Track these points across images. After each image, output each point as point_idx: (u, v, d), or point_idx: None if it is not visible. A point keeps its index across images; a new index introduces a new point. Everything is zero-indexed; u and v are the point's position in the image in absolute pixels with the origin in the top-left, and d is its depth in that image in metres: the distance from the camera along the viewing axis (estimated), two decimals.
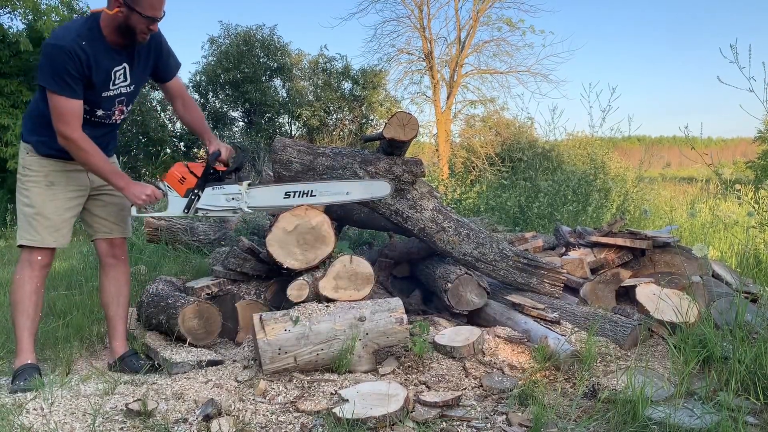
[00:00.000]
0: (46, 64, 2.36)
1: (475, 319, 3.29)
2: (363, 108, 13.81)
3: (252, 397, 2.29)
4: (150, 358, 2.87)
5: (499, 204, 6.96)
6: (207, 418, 2.07)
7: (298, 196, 2.88)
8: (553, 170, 8.73)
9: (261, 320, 2.52)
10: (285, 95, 13.84)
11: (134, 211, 2.67)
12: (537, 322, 2.94)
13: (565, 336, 2.74)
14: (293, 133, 14.00)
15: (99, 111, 2.57)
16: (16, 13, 9.35)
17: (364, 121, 13.92)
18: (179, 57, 2.82)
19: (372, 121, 14.02)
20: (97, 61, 2.44)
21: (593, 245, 3.83)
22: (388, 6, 18.38)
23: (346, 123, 13.87)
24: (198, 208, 2.72)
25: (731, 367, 2.23)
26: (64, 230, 2.63)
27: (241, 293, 3.31)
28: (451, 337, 2.79)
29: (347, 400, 2.15)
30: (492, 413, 2.21)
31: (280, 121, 14.04)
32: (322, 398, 2.27)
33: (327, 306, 2.67)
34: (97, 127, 2.60)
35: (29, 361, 2.56)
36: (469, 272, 3.30)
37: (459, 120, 15.19)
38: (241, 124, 13.84)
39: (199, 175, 2.72)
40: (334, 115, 13.98)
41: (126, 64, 2.56)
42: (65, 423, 2.05)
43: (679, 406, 2.08)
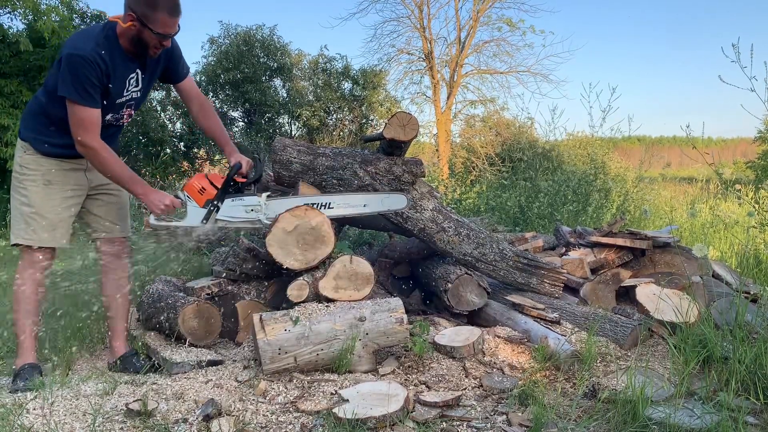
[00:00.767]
0: (68, 74, 2.35)
1: (475, 319, 3.30)
2: (363, 108, 13.80)
3: (252, 397, 2.29)
4: (150, 358, 2.87)
5: (499, 204, 6.96)
6: (207, 418, 2.07)
7: (316, 208, 2.88)
8: (553, 170, 8.74)
9: (261, 320, 2.52)
10: (285, 95, 13.83)
11: (152, 219, 2.66)
12: (537, 322, 2.94)
13: (565, 336, 2.74)
14: (293, 133, 13.99)
15: (109, 115, 2.59)
16: (16, 13, 9.34)
17: (364, 121, 13.91)
18: None
19: (372, 121, 14.01)
20: (115, 69, 2.46)
21: (593, 245, 3.83)
22: (388, 6, 18.48)
23: (346, 123, 13.86)
24: (217, 219, 2.73)
25: (731, 367, 2.23)
26: (62, 230, 2.63)
27: (241, 293, 3.31)
28: (451, 337, 2.79)
29: (347, 400, 2.15)
30: (492, 413, 2.21)
31: (280, 121, 14.03)
32: (322, 398, 2.27)
33: (327, 306, 2.67)
34: (105, 129, 2.60)
35: (30, 361, 2.56)
36: (469, 272, 3.30)
37: (459, 120, 15.23)
38: (241, 124, 13.83)
39: (219, 186, 2.72)
40: (334, 115, 13.97)
41: (138, 70, 2.59)
42: (65, 423, 2.05)
43: (679, 406, 2.08)
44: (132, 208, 5.73)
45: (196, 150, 12.66)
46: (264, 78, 13.28)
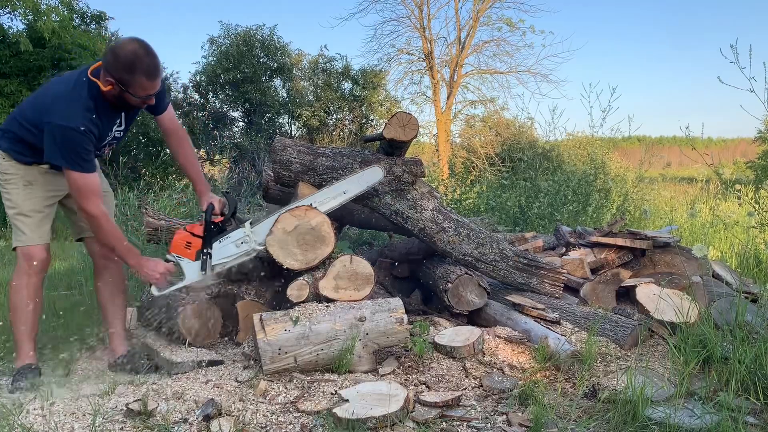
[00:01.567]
0: (63, 146, 2.35)
1: (475, 319, 3.29)
2: (363, 108, 13.80)
3: (252, 397, 2.29)
4: (150, 358, 2.87)
5: (499, 204, 6.96)
6: (207, 418, 2.07)
7: None
8: (553, 170, 8.73)
9: (261, 320, 2.52)
10: (285, 95, 13.83)
11: (155, 291, 2.66)
12: (537, 322, 2.94)
13: (566, 336, 2.74)
14: (293, 134, 13.99)
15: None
16: (16, 13, 9.35)
17: (364, 121, 13.91)
18: (179, 57, 2.86)
19: (372, 121, 14.01)
20: (103, 123, 2.49)
21: (593, 245, 3.83)
22: (388, 6, 18.41)
23: (346, 123, 13.85)
24: (214, 265, 2.72)
25: (731, 367, 2.23)
26: (46, 226, 2.66)
27: (241, 293, 3.31)
28: (451, 337, 2.79)
29: (347, 400, 2.14)
30: (492, 413, 2.21)
31: (280, 121, 14.04)
32: (322, 398, 2.27)
33: (327, 306, 2.67)
34: None
35: (29, 362, 2.57)
36: (469, 272, 3.30)
37: (459, 120, 15.22)
38: (241, 124, 13.83)
39: (201, 234, 2.72)
40: (334, 116, 13.97)
41: (123, 113, 2.61)
42: (65, 423, 2.05)
43: (679, 406, 2.08)
44: (132, 208, 5.75)
45: (195, 150, 12.66)
46: (264, 78, 13.28)
